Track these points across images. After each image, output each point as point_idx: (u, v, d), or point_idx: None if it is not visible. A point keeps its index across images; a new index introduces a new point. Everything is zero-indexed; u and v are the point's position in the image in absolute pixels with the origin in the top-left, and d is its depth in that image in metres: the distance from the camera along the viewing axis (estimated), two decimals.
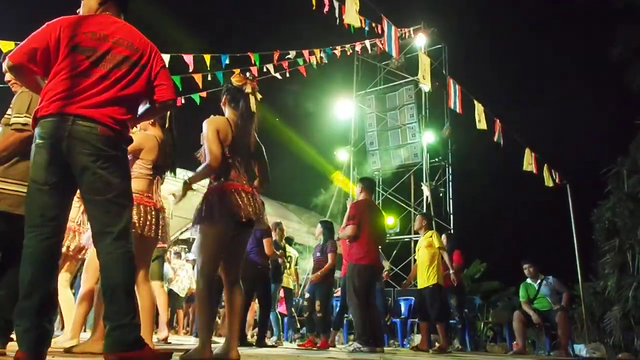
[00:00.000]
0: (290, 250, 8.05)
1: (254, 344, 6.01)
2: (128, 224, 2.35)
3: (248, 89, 3.17)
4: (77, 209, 4.06)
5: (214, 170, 3.00)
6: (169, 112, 3.47)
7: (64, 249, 3.87)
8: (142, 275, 3.33)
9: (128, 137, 2.46)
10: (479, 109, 9.87)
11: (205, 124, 3.04)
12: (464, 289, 8.38)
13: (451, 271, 6.67)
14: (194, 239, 3.55)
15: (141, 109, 2.59)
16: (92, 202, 2.31)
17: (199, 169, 3.04)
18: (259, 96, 3.22)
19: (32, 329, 2.13)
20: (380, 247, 6.15)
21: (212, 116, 3.12)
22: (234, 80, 3.23)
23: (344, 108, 13.68)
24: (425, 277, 6.39)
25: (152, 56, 2.51)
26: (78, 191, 2.39)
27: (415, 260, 7.18)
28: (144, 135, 3.39)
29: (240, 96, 3.16)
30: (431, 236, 6.55)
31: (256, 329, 6.97)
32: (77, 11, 2.62)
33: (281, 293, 7.89)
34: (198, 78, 8.72)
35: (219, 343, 5.64)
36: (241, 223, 2.98)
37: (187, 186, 3.03)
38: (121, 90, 2.37)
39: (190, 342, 6.28)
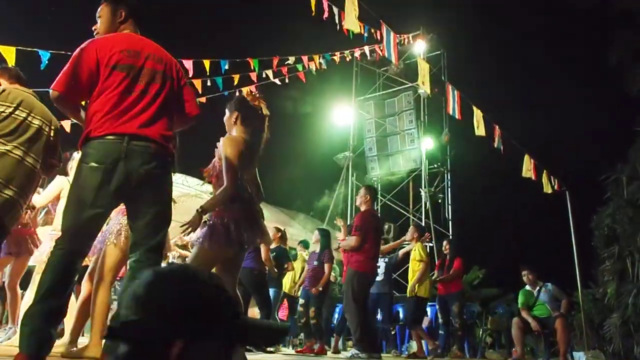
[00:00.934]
0: (303, 254, 8.10)
1: (253, 349, 5.99)
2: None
3: (265, 111, 3.13)
4: None
5: (232, 196, 2.86)
6: None
7: None
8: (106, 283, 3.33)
9: (173, 152, 2.48)
10: (477, 114, 9.88)
11: (227, 145, 2.89)
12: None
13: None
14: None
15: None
16: (140, 214, 2.35)
17: (217, 195, 2.87)
18: (267, 113, 3.17)
19: (37, 332, 2.13)
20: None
21: (231, 135, 3.02)
22: (251, 99, 3.16)
23: (343, 114, 13.68)
24: (415, 287, 6.72)
25: (177, 70, 2.57)
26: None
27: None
28: None
29: (255, 117, 3.11)
30: (416, 249, 6.89)
31: None
32: (94, 28, 2.65)
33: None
34: (197, 83, 8.73)
35: None
36: (243, 247, 2.95)
37: (200, 216, 2.81)
38: (161, 104, 2.43)
39: None
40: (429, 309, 8.16)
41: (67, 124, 8.46)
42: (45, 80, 3.39)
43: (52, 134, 2.99)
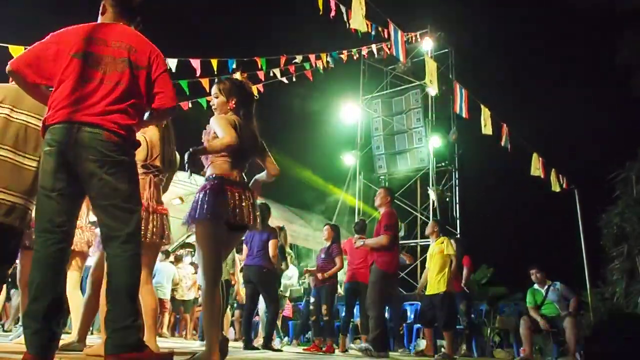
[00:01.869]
0: (292, 253, 8.18)
1: (260, 347, 6.01)
2: (136, 228, 2.37)
3: (256, 95, 3.23)
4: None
5: (230, 148, 2.86)
6: None
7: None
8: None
9: (135, 141, 2.46)
10: (485, 113, 9.86)
11: (216, 118, 2.99)
12: (472, 294, 8.35)
13: (463, 279, 6.70)
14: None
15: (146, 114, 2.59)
16: (100, 207, 2.33)
17: (215, 142, 2.86)
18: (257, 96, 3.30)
19: (39, 332, 2.15)
20: None
21: (223, 115, 3.08)
22: (247, 85, 3.25)
23: (350, 112, 13.68)
24: (435, 283, 6.41)
25: (153, 59, 2.50)
26: None
27: (421, 265, 7.17)
28: None
29: (249, 102, 3.20)
30: (442, 242, 6.55)
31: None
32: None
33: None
34: (205, 82, 8.75)
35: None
36: (233, 226, 2.93)
37: (193, 156, 2.83)
38: (122, 93, 2.38)
39: (195, 345, 6.28)
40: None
41: None
42: None
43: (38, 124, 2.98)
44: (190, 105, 9.03)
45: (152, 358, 2.26)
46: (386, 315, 7.43)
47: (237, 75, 3.42)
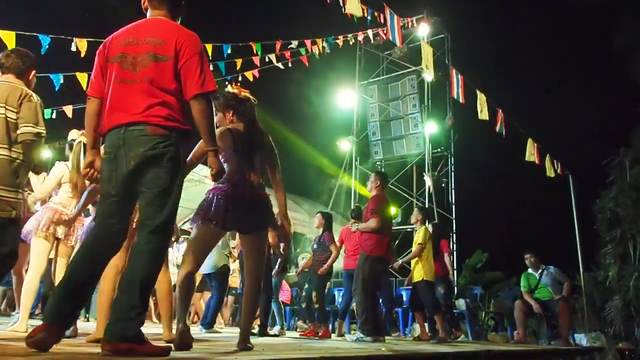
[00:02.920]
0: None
1: (257, 333, 6.06)
2: (168, 220, 2.39)
3: (254, 99, 3.32)
4: (70, 198, 4.10)
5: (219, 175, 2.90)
6: None
7: (50, 230, 3.98)
8: None
9: (184, 130, 2.45)
10: (481, 99, 9.86)
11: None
12: (449, 278, 8.41)
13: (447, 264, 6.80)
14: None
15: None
16: (141, 194, 2.39)
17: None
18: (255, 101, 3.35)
19: (57, 303, 2.28)
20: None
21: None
22: (236, 92, 3.32)
23: (346, 98, 13.64)
24: (415, 271, 6.59)
25: (179, 48, 2.45)
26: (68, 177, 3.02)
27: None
28: None
29: (247, 108, 3.28)
30: (419, 232, 6.76)
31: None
32: None
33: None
34: None
35: (220, 333, 5.68)
36: (240, 222, 3.06)
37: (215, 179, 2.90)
38: (154, 88, 2.40)
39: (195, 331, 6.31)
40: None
41: (69, 109, 8.50)
42: (46, 65, 3.41)
43: (9, 114, 2.98)
44: None
45: (147, 352, 2.25)
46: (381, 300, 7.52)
47: (230, 87, 3.40)
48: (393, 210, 12.65)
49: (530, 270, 7.31)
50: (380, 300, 7.49)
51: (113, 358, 2.17)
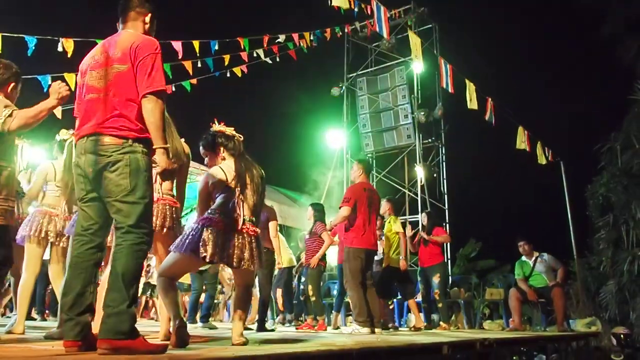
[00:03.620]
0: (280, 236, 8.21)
1: (254, 329, 6.05)
2: (139, 219, 2.43)
3: (238, 136, 3.40)
4: (57, 198, 4.12)
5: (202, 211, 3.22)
6: None
7: (42, 234, 4.04)
8: None
9: (141, 137, 2.49)
10: (470, 88, 9.87)
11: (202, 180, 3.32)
12: (445, 267, 8.53)
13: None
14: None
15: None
16: (107, 203, 2.47)
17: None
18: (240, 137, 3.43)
19: (69, 321, 2.37)
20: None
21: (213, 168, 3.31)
22: (225, 130, 3.40)
23: (335, 91, 13.61)
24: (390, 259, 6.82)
25: (132, 53, 2.50)
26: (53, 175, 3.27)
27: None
28: None
29: (236, 143, 3.37)
30: (390, 222, 6.94)
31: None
32: None
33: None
34: (188, 65, 8.65)
35: (217, 328, 5.67)
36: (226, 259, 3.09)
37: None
38: (115, 99, 2.48)
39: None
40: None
41: (58, 110, 8.42)
42: (33, 66, 3.35)
43: None
44: (174, 89, 8.93)
45: (143, 349, 2.26)
46: None
47: (216, 125, 3.44)
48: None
49: (524, 258, 7.34)
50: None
51: (111, 356, 2.16)
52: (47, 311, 7.68)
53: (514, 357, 6.55)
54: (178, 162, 3.59)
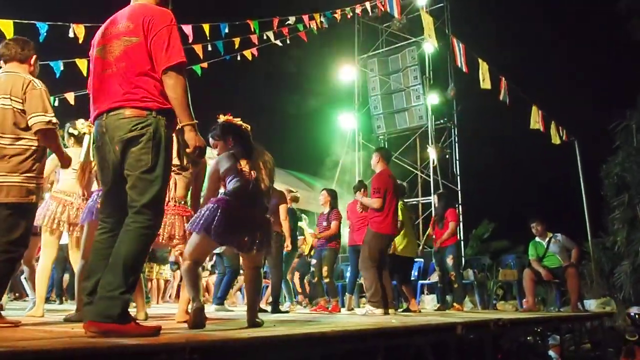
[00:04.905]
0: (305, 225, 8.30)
1: (269, 311, 6.11)
2: (152, 199, 2.37)
3: (246, 126, 3.41)
4: (72, 184, 4.12)
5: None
6: None
7: (54, 225, 4.03)
8: None
9: (163, 109, 2.42)
10: (483, 67, 9.76)
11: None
12: (459, 247, 8.49)
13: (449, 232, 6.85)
14: None
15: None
16: (127, 177, 2.40)
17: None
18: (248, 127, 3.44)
19: (88, 304, 2.40)
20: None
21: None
22: (235, 121, 3.41)
23: (346, 73, 13.52)
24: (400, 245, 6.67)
25: (146, 26, 2.42)
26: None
27: (423, 223, 7.21)
28: None
29: (244, 134, 3.38)
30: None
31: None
32: None
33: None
34: (198, 49, 8.63)
35: (233, 311, 5.72)
36: (238, 241, 3.12)
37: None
38: (130, 72, 2.41)
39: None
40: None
41: (71, 96, 8.47)
42: (46, 52, 3.36)
43: (15, 105, 2.96)
44: None
45: (132, 333, 2.21)
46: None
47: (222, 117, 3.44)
48: None
49: (537, 239, 7.30)
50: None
51: (98, 339, 2.11)
52: (65, 295, 7.81)
53: (528, 338, 6.54)
54: (194, 168, 3.61)
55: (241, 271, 8.99)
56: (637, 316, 7.20)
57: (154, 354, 1.91)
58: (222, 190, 3.32)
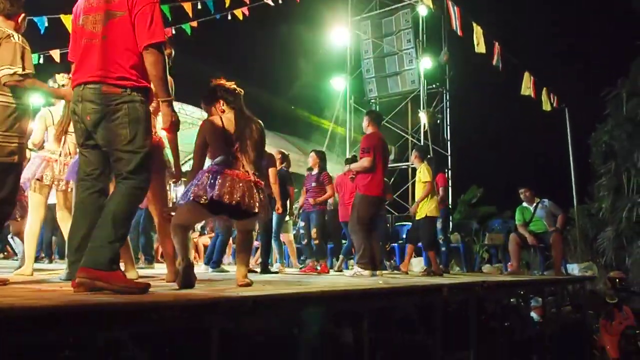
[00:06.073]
0: None
1: (258, 271, 6.17)
2: (138, 167, 2.48)
3: (239, 90, 3.40)
4: (56, 142, 4.12)
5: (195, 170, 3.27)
6: None
7: (39, 181, 4.04)
8: None
9: (139, 86, 2.49)
10: (477, 31, 9.66)
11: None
12: (448, 212, 8.55)
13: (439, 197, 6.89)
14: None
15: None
16: (108, 152, 2.52)
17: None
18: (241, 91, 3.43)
19: (75, 262, 2.48)
20: None
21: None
22: (227, 84, 3.39)
23: (338, 35, 13.30)
24: (419, 209, 6.65)
25: (130, 1, 2.46)
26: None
27: (412, 187, 7.25)
28: None
29: (236, 97, 3.37)
30: (421, 171, 6.73)
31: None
32: None
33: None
34: (187, 7, 8.46)
35: (229, 272, 5.78)
36: (230, 209, 3.10)
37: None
38: (112, 46, 2.47)
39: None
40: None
41: (56, 53, 8.29)
42: (30, 7, 3.30)
43: None
44: (173, 32, 8.76)
45: (120, 284, 2.29)
46: None
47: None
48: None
49: (524, 204, 7.40)
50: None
51: (88, 297, 2.16)
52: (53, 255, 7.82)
53: (512, 300, 6.71)
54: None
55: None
56: (617, 280, 7.37)
57: (143, 312, 1.94)
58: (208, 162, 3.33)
